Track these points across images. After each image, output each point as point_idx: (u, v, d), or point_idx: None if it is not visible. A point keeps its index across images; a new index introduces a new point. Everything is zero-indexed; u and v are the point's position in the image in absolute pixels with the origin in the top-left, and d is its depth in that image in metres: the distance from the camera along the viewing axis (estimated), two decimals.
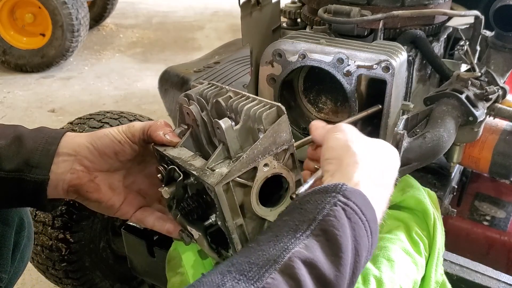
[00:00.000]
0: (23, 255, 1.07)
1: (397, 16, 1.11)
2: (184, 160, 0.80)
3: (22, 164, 0.81)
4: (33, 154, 0.82)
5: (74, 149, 0.84)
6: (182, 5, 6.19)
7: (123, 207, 0.90)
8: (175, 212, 0.84)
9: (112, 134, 0.85)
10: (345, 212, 0.62)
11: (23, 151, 0.82)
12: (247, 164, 0.73)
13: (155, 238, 1.24)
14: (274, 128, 0.73)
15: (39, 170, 0.82)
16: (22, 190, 0.82)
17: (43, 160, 0.82)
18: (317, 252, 0.58)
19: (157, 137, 0.84)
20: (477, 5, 1.39)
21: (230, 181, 0.72)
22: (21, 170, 0.81)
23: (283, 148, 0.76)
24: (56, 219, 1.51)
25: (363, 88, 1.07)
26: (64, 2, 3.73)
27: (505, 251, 1.38)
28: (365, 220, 0.63)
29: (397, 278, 0.93)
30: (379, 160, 0.74)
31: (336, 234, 0.60)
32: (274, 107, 0.74)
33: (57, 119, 3.26)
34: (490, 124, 1.26)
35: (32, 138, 0.84)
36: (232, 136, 0.74)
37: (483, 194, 1.54)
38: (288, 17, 1.43)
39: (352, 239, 0.61)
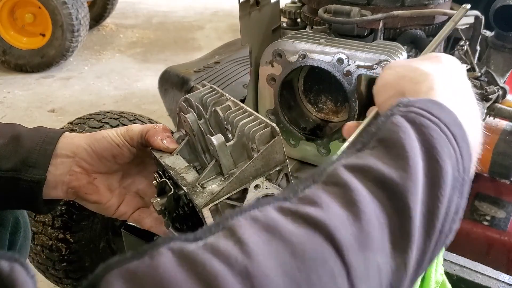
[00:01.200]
0: (19, 255, 1.07)
1: (397, 16, 1.11)
2: (177, 171, 0.79)
3: (19, 163, 0.81)
4: (31, 154, 0.81)
5: (72, 150, 0.84)
6: (182, 5, 6.19)
7: (121, 208, 0.90)
8: (167, 223, 0.84)
9: (111, 137, 0.85)
10: (406, 117, 0.51)
11: (21, 151, 0.81)
12: (237, 185, 0.71)
13: (155, 238, 1.24)
14: (267, 149, 0.71)
15: (36, 170, 0.81)
16: (18, 190, 0.82)
17: (41, 160, 0.81)
18: (371, 158, 0.48)
19: (154, 142, 0.83)
20: (477, 5, 1.39)
21: (218, 203, 0.71)
22: (18, 169, 0.81)
23: (276, 169, 0.74)
24: (56, 219, 1.51)
25: (363, 88, 1.07)
26: (64, 2, 3.73)
27: (505, 251, 1.38)
28: (439, 122, 0.51)
29: None
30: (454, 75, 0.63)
31: (395, 138, 0.48)
32: (268, 127, 0.72)
33: (57, 119, 3.26)
34: (490, 124, 1.26)
35: (30, 138, 0.83)
36: (225, 153, 0.73)
37: (483, 194, 1.53)
38: (288, 17, 1.43)
39: (421, 141, 0.49)
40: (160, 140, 0.83)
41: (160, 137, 0.83)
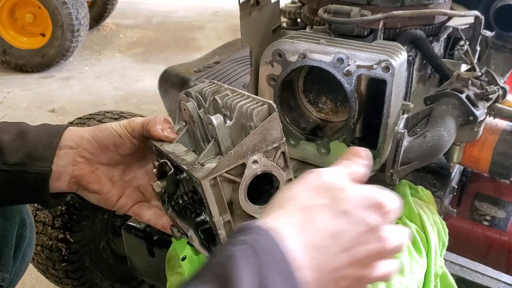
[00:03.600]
0: (25, 255, 1.08)
1: (397, 16, 1.11)
2: (177, 155, 0.80)
3: (26, 157, 0.83)
4: (36, 147, 0.84)
5: (75, 141, 0.86)
6: (182, 5, 6.19)
7: (121, 200, 0.92)
8: (166, 207, 0.85)
9: (113, 127, 0.87)
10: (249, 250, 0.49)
11: (27, 145, 0.84)
12: (236, 159, 0.72)
13: (155, 238, 1.24)
14: (264, 125, 0.73)
15: (42, 162, 0.84)
16: (25, 183, 0.84)
17: (46, 152, 0.84)
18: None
19: (155, 132, 0.85)
20: (477, 5, 1.39)
21: (217, 176, 0.72)
22: (24, 163, 0.83)
23: (274, 146, 0.75)
24: (56, 219, 1.51)
25: (363, 88, 1.07)
26: (64, 2, 3.73)
27: (505, 251, 1.38)
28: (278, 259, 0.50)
29: (405, 280, 0.93)
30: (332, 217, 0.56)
31: (230, 277, 0.47)
32: (265, 104, 0.74)
33: (57, 119, 3.26)
34: (490, 124, 1.25)
35: (35, 133, 0.86)
36: (223, 132, 0.75)
37: (483, 194, 1.54)
38: (288, 17, 1.43)
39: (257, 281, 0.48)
40: (160, 130, 0.85)
41: (160, 127, 0.85)
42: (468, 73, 1.18)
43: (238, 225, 0.58)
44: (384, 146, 1.06)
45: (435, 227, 1.09)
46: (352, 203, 0.57)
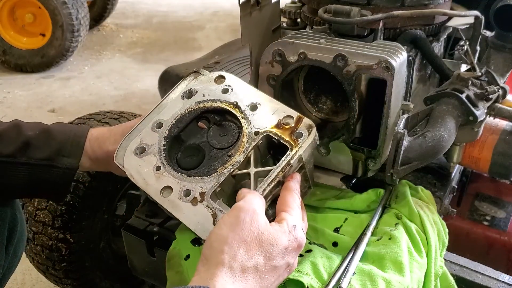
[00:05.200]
0: (17, 250, 1.10)
1: (397, 16, 1.11)
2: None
3: (54, 153, 0.91)
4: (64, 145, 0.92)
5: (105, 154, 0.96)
6: (182, 5, 6.19)
7: None
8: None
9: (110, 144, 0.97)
10: None
11: (53, 143, 0.92)
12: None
13: (155, 238, 1.24)
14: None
15: (70, 159, 0.92)
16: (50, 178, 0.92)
17: (74, 150, 0.93)
18: None
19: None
20: (477, 5, 1.39)
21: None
22: (52, 158, 0.91)
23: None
24: (56, 219, 1.51)
25: (363, 88, 1.07)
26: (64, 2, 3.73)
27: (505, 251, 1.38)
28: None
29: (405, 280, 0.93)
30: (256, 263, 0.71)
31: None
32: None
33: (57, 119, 3.26)
34: (490, 124, 1.25)
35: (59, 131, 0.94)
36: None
37: (483, 194, 1.54)
38: (288, 17, 1.43)
39: None
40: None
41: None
42: (468, 73, 1.18)
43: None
44: (384, 146, 1.06)
45: (435, 227, 1.09)
46: (280, 256, 0.73)
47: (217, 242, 0.71)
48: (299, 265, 0.93)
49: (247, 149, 0.88)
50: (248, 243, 0.71)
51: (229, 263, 0.69)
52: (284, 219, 0.76)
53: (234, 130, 0.93)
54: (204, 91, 0.96)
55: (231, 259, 0.69)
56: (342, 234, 1.07)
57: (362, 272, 0.94)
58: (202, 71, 0.98)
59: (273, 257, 0.72)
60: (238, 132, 0.92)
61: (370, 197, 1.14)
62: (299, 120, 0.90)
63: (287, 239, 0.74)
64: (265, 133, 0.89)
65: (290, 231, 0.75)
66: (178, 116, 0.94)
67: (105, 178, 1.58)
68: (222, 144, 0.92)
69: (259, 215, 0.74)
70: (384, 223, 1.08)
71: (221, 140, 0.92)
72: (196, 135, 0.95)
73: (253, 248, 0.71)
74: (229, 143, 0.91)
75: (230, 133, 0.93)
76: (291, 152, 0.86)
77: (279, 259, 0.73)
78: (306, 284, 0.89)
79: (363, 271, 0.94)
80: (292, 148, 0.86)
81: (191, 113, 0.94)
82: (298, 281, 0.89)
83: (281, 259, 0.73)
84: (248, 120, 0.91)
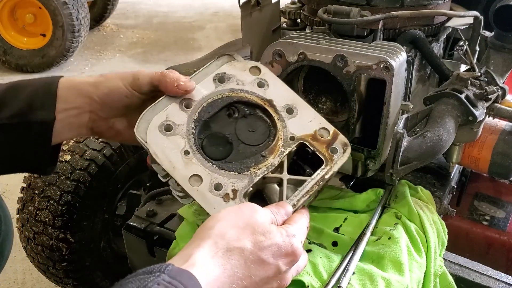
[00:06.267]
0: (3, 250, 1.06)
1: (396, 17, 1.12)
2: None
3: (25, 107, 0.80)
4: (34, 97, 0.80)
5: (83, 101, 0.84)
6: (182, 5, 6.20)
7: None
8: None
9: (119, 91, 0.84)
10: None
11: (22, 96, 0.80)
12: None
13: (155, 237, 1.25)
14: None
15: (44, 112, 0.80)
16: (28, 137, 0.81)
17: (47, 101, 0.81)
18: None
19: (171, 91, 0.83)
20: (477, 6, 1.39)
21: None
22: (24, 113, 0.79)
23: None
24: (57, 219, 1.52)
25: (362, 88, 1.08)
26: (65, 3, 3.73)
27: (504, 251, 1.39)
28: None
29: (404, 280, 0.93)
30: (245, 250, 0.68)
31: None
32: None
33: None
34: (490, 124, 1.26)
35: (28, 85, 0.82)
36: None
37: (483, 194, 1.54)
38: (288, 17, 1.43)
39: None
40: (175, 86, 0.83)
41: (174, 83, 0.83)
42: (468, 73, 1.18)
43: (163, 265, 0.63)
44: (383, 146, 1.07)
45: (434, 227, 1.09)
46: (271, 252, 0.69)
47: (211, 221, 0.70)
48: None
49: (282, 153, 0.85)
50: (241, 228, 0.69)
51: (215, 238, 0.67)
52: (285, 227, 0.74)
53: (263, 128, 0.89)
54: (238, 79, 0.91)
55: (218, 236, 0.67)
56: (342, 233, 1.07)
57: (362, 271, 0.94)
58: (236, 56, 0.93)
59: (263, 248, 0.68)
60: (269, 131, 0.89)
61: (370, 197, 1.14)
62: (335, 135, 0.89)
63: (282, 239, 0.71)
64: (300, 140, 0.87)
65: (288, 235, 0.72)
66: (210, 100, 0.88)
67: (105, 178, 1.58)
68: (251, 141, 0.88)
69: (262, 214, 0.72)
70: (384, 223, 1.08)
71: (250, 136, 0.88)
72: (223, 124, 0.89)
73: (244, 233, 0.68)
74: (259, 141, 0.88)
75: (259, 130, 0.89)
76: (326, 167, 0.84)
77: (269, 254, 0.69)
78: (307, 283, 0.89)
79: (363, 270, 0.94)
80: (327, 163, 0.85)
81: (224, 100, 0.89)
82: (298, 280, 0.89)
83: (271, 256, 0.69)
84: (284, 123, 0.88)
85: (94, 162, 1.55)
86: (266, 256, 0.69)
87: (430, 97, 1.17)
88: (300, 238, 0.75)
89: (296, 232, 0.74)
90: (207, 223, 0.70)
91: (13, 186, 2.69)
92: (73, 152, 1.56)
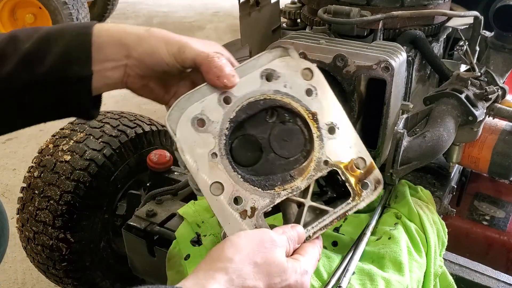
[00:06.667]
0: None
1: (396, 17, 1.12)
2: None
3: (59, 63, 0.76)
4: (69, 50, 0.76)
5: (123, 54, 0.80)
6: (182, 5, 6.20)
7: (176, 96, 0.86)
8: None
9: (162, 56, 0.79)
10: None
11: (55, 50, 0.76)
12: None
13: (155, 237, 1.25)
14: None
15: (79, 66, 0.77)
16: (65, 91, 0.78)
17: (82, 54, 0.77)
18: None
19: (211, 80, 0.76)
20: (477, 6, 1.39)
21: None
22: (60, 69, 0.76)
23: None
24: (57, 218, 1.52)
25: (362, 88, 1.08)
26: (65, 3, 3.73)
27: (504, 251, 1.39)
28: None
29: (404, 280, 0.93)
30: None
31: None
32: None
33: None
34: (490, 124, 1.26)
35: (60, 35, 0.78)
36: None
37: (483, 194, 1.54)
38: (288, 17, 1.43)
39: None
40: (216, 78, 0.76)
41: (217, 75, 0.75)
42: (468, 73, 1.18)
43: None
44: (383, 146, 1.07)
45: (434, 227, 1.09)
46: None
47: (230, 250, 0.69)
48: None
49: (311, 177, 0.80)
50: (258, 265, 0.69)
51: (232, 274, 0.66)
52: (299, 260, 0.74)
53: (300, 140, 0.82)
54: (287, 81, 0.81)
55: (235, 271, 0.67)
56: (342, 233, 1.07)
57: (362, 271, 0.94)
58: (291, 50, 0.83)
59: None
60: (303, 145, 0.82)
61: None
62: (370, 168, 0.82)
63: (295, 278, 0.72)
64: (334, 167, 0.81)
65: (302, 273, 0.73)
66: (251, 99, 0.79)
67: (105, 178, 1.58)
68: (283, 152, 0.81)
69: (281, 249, 0.72)
70: (384, 222, 1.08)
71: (283, 145, 0.81)
72: (257, 126, 0.81)
73: (260, 272, 0.69)
74: (291, 154, 0.81)
75: (294, 140, 0.82)
76: (352, 203, 0.80)
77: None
78: None
79: (363, 270, 0.94)
80: (354, 199, 0.80)
81: (266, 102, 0.80)
82: None
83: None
84: (322, 143, 0.81)
85: (94, 162, 1.55)
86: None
87: (430, 97, 1.17)
88: (311, 272, 0.76)
89: (308, 267, 0.74)
90: (225, 251, 0.69)
91: (13, 186, 2.69)
92: (73, 152, 1.56)
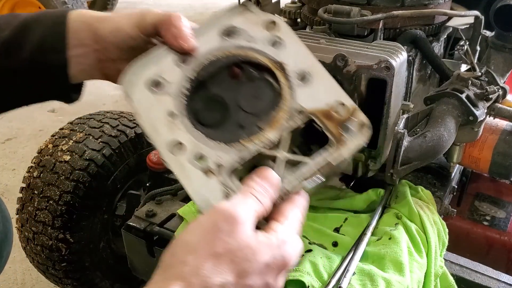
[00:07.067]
0: (2, 250, 1.04)
1: (397, 16, 1.11)
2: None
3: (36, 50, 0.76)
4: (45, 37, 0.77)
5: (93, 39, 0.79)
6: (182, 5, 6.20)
7: None
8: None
9: (124, 29, 0.78)
10: None
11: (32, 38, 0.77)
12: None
13: (155, 238, 1.24)
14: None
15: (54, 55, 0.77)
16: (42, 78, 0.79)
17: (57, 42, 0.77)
18: None
19: (169, 41, 0.74)
20: (477, 5, 1.39)
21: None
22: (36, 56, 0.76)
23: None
24: (56, 219, 1.51)
25: (363, 88, 1.07)
26: (64, 2, 3.73)
27: (505, 251, 1.38)
28: None
29: (405, 280, 0.93)
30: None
31: None
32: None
33: (57, 119, 3.27)
34: (490, 124, 1.26)
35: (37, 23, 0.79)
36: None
37: (483, 194, 1.54)
38: (288, 17, 1.43)
39: None
40: (174, 39, 0.73)
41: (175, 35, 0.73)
42: (468, 73, 1.18)
43: None
44: (384, 146, 1.07)
45: (435, 227, 1.09)
46: (258, 274, 0.58)
47: (182, 250, 0.58)
48: (300, 264, 0.93)
49: (284, 128, 0.70)
50: (218, 256, 0.56)
51: (190, 278, 0.54)
52: (274, 230, 0.60)
53: (270, 95, 0.74)
54: (249, 35, 0.77)
55: (193, 273, 0.55)
56: (342, 234, 1.07)
57: (362, 272, 0.94)
58: (251, 6, 0.79)
59: (248, 275, 0.57)
60: (275, 97, 0.74)
61: (370, 197, 1.14)
62: (353, 112, 0.73)
63: (271, 254, 0.59)
64: (309, 115, 0.71)
65: (279, 245, 0.59)
66: (212, 57, 0.75)
67: (105, 178, 1.58)
68: (254, 110, 0.73)
69: (244, 225, 0.58)
70: (384, 223, 1.08)
71: (252, 102, 0.74)
72: (223, 87, 0.76)
73: (223, 263, 0.56)
74: (262, 111, 0.73)
75: (265, 97, 0.74)
76: (333, 149, 0.69)
77: (256, 277, 0.58)
78: (307, 283, 0.89)
79: (363, 271, 0.94)
80: (336, 145, 0.70)
81: (228, 58, 0.75)
82: (298, 280, 0.89)
83: (258, 277, 0.58)
84: (293, 92, 0.73)
85: (94, 162, 1.55)
86: (253, 281, 0.58)
87: (431, 97, 1.17)
88: (294, 239, 0.62)
89: (286, 235, 0.61)
90: (176, 254, 0.58)
91: (12, 186, 2.69)
92: (73, 152, 1.56)
